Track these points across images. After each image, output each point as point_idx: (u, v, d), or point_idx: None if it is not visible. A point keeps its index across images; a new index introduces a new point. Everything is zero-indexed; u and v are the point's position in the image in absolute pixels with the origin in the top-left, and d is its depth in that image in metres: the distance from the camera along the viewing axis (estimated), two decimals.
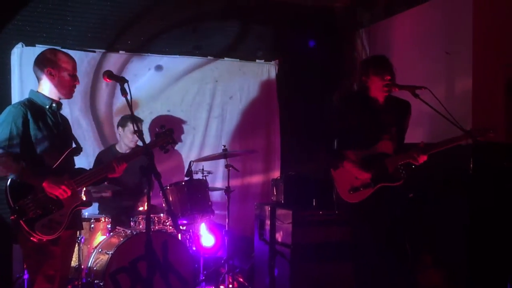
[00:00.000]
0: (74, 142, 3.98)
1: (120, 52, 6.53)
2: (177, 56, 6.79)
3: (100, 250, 5.09)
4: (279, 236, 5.75)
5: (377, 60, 4.26)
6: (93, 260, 5.07)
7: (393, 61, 4.40)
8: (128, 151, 5.76)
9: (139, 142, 3.68)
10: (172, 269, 5.03)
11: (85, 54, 6.28)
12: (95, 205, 5.79)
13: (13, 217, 3.53)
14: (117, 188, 5.54)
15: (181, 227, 5.44)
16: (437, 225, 5.88)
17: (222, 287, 5.82)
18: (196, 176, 5.79)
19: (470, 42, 5.73)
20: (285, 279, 5.49)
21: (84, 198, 4.05)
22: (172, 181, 5.67)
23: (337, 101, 4.56)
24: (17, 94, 5.91)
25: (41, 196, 3.60)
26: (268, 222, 6.02)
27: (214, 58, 6.98)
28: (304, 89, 7.39)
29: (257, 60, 7.21)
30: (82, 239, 5.00)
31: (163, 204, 5.46)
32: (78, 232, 4.71)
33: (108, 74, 3.77)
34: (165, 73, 6.74)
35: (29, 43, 5.99)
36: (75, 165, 3.98)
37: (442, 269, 5.67)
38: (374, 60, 4.28)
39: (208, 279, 5.74)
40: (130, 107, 3.61)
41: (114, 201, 5.71)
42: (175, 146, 6.61)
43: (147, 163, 3.45)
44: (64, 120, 4.04)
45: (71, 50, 5.06)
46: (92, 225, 5.26)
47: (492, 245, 5.54)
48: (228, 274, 5.81)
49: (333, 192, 4.40)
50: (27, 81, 5.77)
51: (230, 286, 5.80)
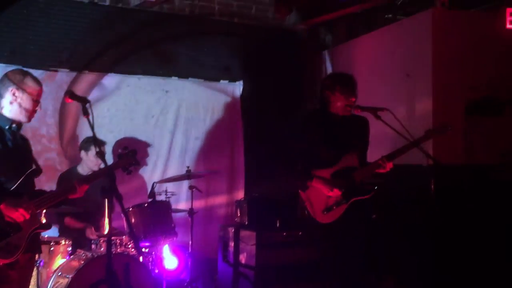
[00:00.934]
0: (34, 164, 3.89)
1: (83, 72, 6.44)
2: (141, 76, 6.73)
3: (60, 274, 4.95)
4: (243, 258, 5.71)
5: (346, 80, 4.27)
6: (52, 284, 4.93)
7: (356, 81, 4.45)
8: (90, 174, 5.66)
9: (103, 165, 3.64)
10: None
11: (48, 73, 6.18)
12: (56, 227, 5.66)
13: None
14: (77, 210, 5.42)
15: (143, 250, 5.34)
16: (400, 246, 5.93)
17: None
18: (159, 198, 5.72)
19: (430, 65, 5.85)
20: None
21: (44, 221, 3.94)
22: (135, 203, 5.58)
23: (298, 121, 4.54)
24: None
25: None
26: (232, 244, 5.98)
27: (178, 78, 6.94)
28: (268, 110, 7.42)
29: (222, 81, 7.21)
30: (41, 263, 4.85)
31: (125, 226, 5.36)
32: (37, 256, 4.58)
33: (70, 94, 3.71)
34: (128, 93, 6.67)
35: None
36: (35, 187, 3.88)
37: None
38: (343, 79, 4.28)
39: None
40: (92, 128, 3.55)
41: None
42: (139, 168, 6.52)
43: (108, 185, 3.39)
44: (24, 141, 3.95)
45: (33, 69, 4.96)
46: (52, 248, 5.12)
47: (456, 265, 5.62)
48: None
49: (301, 213, 4.36)
50: None
51: None
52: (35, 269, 4.67)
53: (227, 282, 5.74)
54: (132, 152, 4.33)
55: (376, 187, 4.24)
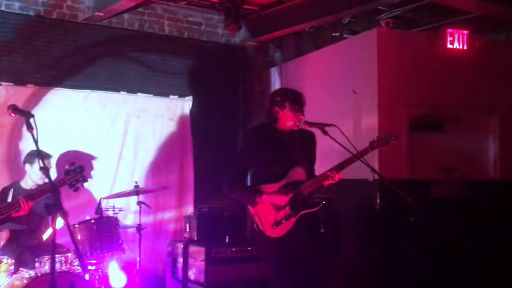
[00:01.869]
0: None
1: (28, 86, 6.27)
2: (89, 91, 6.61)
3: None
4: (192, 274, 5.64)
5: (296, 97, 4.27)
6: None
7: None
8: (35, 188, 5.48)
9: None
10: None
11: None
12: None
13: None
14: (21, 227, 5.23)
15: (89, 267, 5.19)
16: (348, 260, 5.99)
17: None
18: (107, 214, 5.60)
19: (375, 82, 5.96)
20: None
21: None
22: (81, 219, 5.43)
23: (244, 136, 4.52)
24: None
25: None
26: (181, 260, 5.90)
27: (127, 93, 6.85)
28: (217, 125, 7.41)
29: (171, 96, 7.15)
30: None
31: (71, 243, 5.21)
32: None
33: (13, 108, 3.60)
34: (77, 108, 6.53)
35: None
36: None
37: None
38: (293, 96, 4.27)
39: None
40: (36, 143, 3.45)
41: (18, 241, 5.39)
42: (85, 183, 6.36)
43: (53, 201, 3.28)
44: None
45: None
46: None
47: (400, 275, 5.70)
48: None
49: (250, 228, 4.33)
50: None
51: None
52: None
53: None
54: (80, 168, 4.22)
55: (324, 202, 4.26)
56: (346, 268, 5.85)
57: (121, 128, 6.79)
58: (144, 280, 5.84)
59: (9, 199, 5.02)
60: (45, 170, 3.51)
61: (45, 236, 5.27)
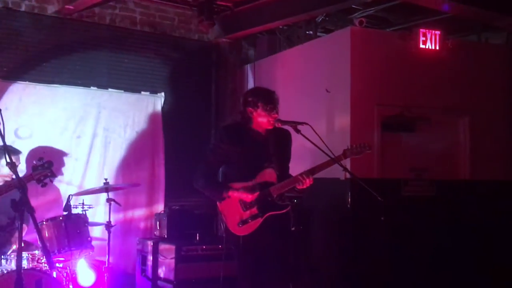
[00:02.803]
0: None
1: None
2: (58, 86, 6.54)
3: None
4: (162, 272, 5.62)
5: (268, 96, 4.27)
6: None
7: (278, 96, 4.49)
8: (2, 184, 5.40)
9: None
10: None
11: None
12: None
13: None
14: None
15: (57, 265, 5.15)
16: (319, 259, 6.03)
17: None
18: (76, 211, 5.55)
19: (348, 81, 6.01)
20: None
21: None
22: (49, 216, 5.38)
23: (217, 133, 4.52)
24: None
25: None
26: (151, 258, 5.89)
27: (98, 89, 6.80)
28: (189, 122, 7.40)
29: (143, 92, 7.12)
30: None
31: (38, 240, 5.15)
32: None
33: None
34: (45, 103, 6.45)
35: None
36: None
37: None
38: (265, 96, 4.27)
39: None
40: (3, 138, 3.40)
41: None
42: (54, 180, 6.30)
43: (19, 197, 3.24)
44: None
45: None
46: None
47: (370, 275, 5.77)
48: None
49: (221, 226, 4.35)
50: None
51: None
52: None
53: None
54: (48, 164, 4.17)
55: (295, 200, 4.29)
56: (316, 268, 5.90)
57: (91, 124, 6.73)
58: (113, 278, 5.80)
59: None
60: (12, 166, 3.47)
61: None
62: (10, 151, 4.19)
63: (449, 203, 6.25)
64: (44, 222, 5.19)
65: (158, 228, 6.18)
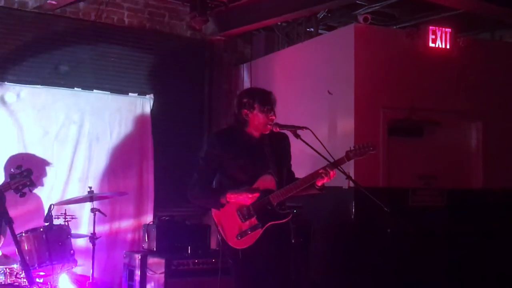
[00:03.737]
0: None
1: None
2: (39, 87, 6.53)
3: None
4: None
5: (266, 97, 4.26)
6: None
7: (276, 98, 4.49)
8: None
9: None
10: None
11: None
12: None
13: None
14: None
15: (37, 280, 5.14)
16: (320, 273, 6.03)
17: None
18: (57, 222, 5.54)
19: (352, 82, 6.01)
20: None
21: None
22: (29, 227, 5.37)
23: (209, 139, 4.51)
24: None
25: None
26: (138, 273, 5.87)
27: (82, 90, 6.80)
28: (181, 126, 7.41)
29: (130, 94, 7.12)
30: None
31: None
32: None
33: None
34: (25, 105, 6.44)
35: None
36: None
37: None
38: (262, 96, 4.26)
39: None
40: None
41: None
42: (34, 189, 6.29)
43: None
44: None
45: None
46: None
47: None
48: None
49: (215, 238, 4.33)
50: None
51: None
52: None
53: None
54: (27, 172, 4.17)
55: (295, 211, 4.29)
56: (317, 283, 5.90)
57: (75, 128, 6.73)
58: None
59: None
60: None
61: None
62: None
63: (461, 214, 6.25)
64: (23, 234, 5.17)
65: (147, 240, 6.17)
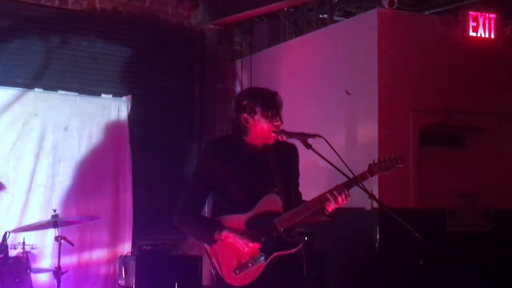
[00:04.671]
0: None
1: None
2: None
3: None
4: None
5: (269, 99, 4.22)
6: None
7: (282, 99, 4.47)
8: None
9: None
10: None
11: None
12: None
13: None
14: None
15: None
16: None
17: None
18: (14, 252, 5.53)
19: (375, 79, 5.98)
20: None
21: None
22: None
23: (201, 151, 4.48)
24: None
25: None
26: None
27: (44, 91, 6.78)
28: (166, 134, 7.38)
29: (103, 95, 7.11)
30: None
31: None
32: None
33: None
34: None
35: None
36: None
37: None
38: (265, 98, 4.23)
39: None
40: None
41: None
42: None
43: None
44: None
45: None
46: None
47: None
48: None
49: (209, 273, 4.29)
50: None
51: None
52: None
53: None
54: None
55: (307, 238, 4.24)
56: None
57: (35, 138, 6.72)
58: None
59: None
60: None
61: None
62: None
63: (509, 240, 6.20)
64: None
65: (124, 276, 6.16)
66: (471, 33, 6.24)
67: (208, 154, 4.21)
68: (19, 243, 5.69)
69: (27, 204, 6.63)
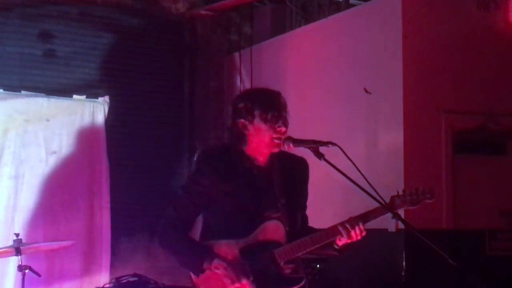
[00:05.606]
0: None
1: None
2: None
3: None
4: None
5: (270, 99, 4.22)
6: None
7: (288, 100, 4.45)
8: None
9: None
10: None
11: None
12: None
13: None
14: None
15: None
16: None
17: None
18: None
19: (400, 75, 6.00)
20: None
21: None
22: None
23: (195, 161, 4.48)
24: None
25: None
26: None
27: (4, 92, 6.82)
28: (150, 141, 7.43)
29: (75, 96, 7.13)
30: None
31: None
32: None
33: None
34: None
35: None
36: None
37: None
38: (265, 99, 4.23)
39: None
40: None
41: None
42: None
43: None
44: None
45: None
46: None
47: None
48: None
49: None
50: None
51: None
52: None
53: None
54: None
55: (318, 265, 4.26)
56: None
57: None
58: None
59: None
60: None
61: None
62: None
63: None
64: None
65: None
66: None
67: (202, 168, 4.20)
68: None
69: None
